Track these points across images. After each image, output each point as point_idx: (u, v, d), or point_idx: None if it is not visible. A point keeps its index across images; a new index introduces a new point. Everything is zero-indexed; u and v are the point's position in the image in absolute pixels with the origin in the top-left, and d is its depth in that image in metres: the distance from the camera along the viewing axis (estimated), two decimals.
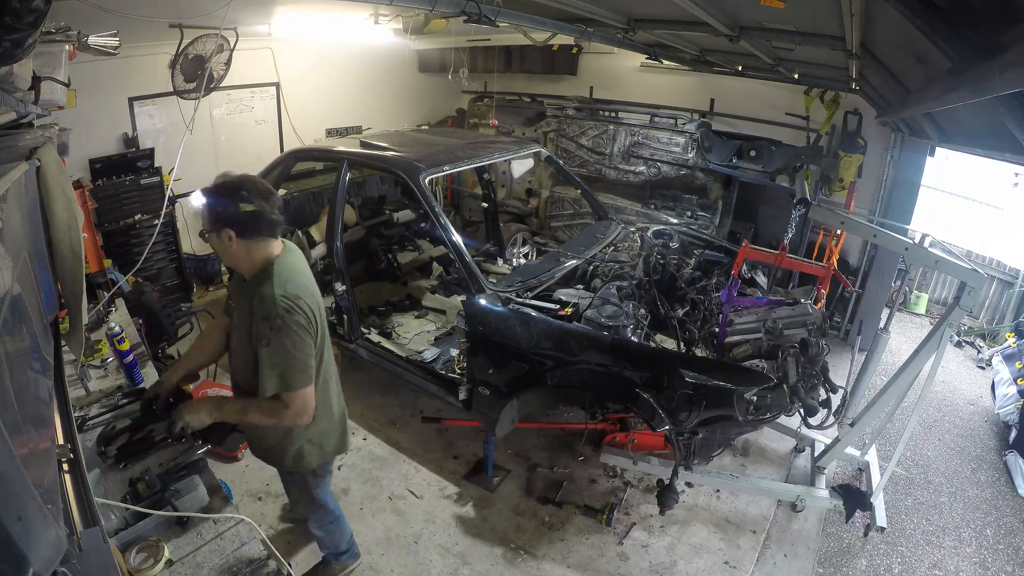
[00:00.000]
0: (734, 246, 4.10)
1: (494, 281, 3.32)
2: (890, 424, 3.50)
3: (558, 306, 3.08)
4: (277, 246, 2.06)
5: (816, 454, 3.61)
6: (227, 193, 1.94)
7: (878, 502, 3.25)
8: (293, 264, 2.08)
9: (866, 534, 3.28)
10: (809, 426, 3.00)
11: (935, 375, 2.92)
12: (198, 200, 2.04)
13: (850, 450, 3.59)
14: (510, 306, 3.07)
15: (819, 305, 3.21)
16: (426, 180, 3.49)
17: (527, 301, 3.12)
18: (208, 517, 2.02)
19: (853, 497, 3.22)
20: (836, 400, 3.05)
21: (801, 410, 2.83)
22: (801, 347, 2.84)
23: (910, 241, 2.89)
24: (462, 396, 3.36)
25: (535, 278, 3.38)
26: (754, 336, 2.96)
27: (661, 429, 2.70)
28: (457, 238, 3.31)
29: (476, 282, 3.19)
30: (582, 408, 3.34)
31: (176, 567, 1.85)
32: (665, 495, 2.95)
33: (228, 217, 1.92)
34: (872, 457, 3.66)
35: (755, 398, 2.61)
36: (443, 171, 3.80)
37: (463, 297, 3.26)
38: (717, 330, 3.09)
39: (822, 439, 3.68)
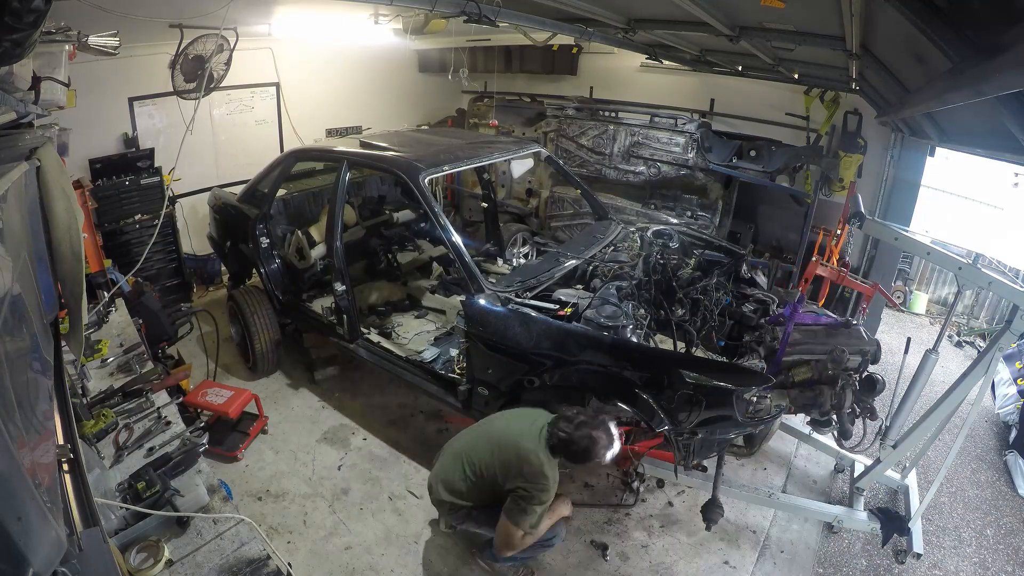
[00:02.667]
0: (734, 246, 4.08)
1: (494, 281, 3.32)
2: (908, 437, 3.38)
3: (557, 306, 3.07)
4: None
5: (855, 475, 3.52)
6: None
7: (916, 527, 3.14)
8: None
9: (901, 561, 3.18)
10: (842, 447, 2.98)
11: (982, 400, 2.85)
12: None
13: (890, 472, 3.49)
14: (509, 306, 3.06)
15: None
16: (426, 180, 3.49)
17: (526, 301, 3.11)
18: (208, 517, 2.02)
19: (891, 521, 3.12)
20: (873, 426, 3.00)
21: (836, 431, 2.81)
22: (867, 385, 2.79)
23: (964, 261, 2.82)
24: (461, 396, 3.36)
25: (534, 278, 3.37)
26: (814, 358, 2.84)
27: (661, 429, 2.70)
28: (457, 238, 3.30)
29: (476, 282, 3.19)
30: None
31: (176, 567, 1.85)
32: (710, 510, 2.92)
33: None
34: (912, 481, 3.56)
35: (755, 398, 2.60)
36: (443, 171, 3.80)
37: (463, 297, 3.26)
38: (777, 347, 2.97)
39: (863, 460, 3.59)
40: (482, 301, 3.11)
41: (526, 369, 2.99)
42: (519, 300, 3.11)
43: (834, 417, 2.84)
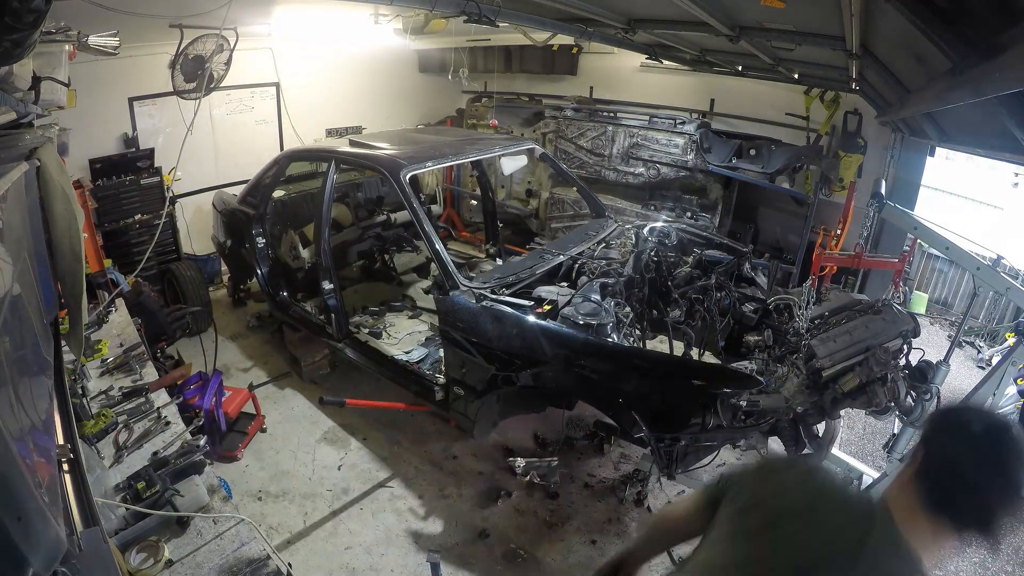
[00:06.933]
0: (736, 243, 4.01)
1: (473, 275, 3.29)
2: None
3: (534, 303, 2.97)
4: None
5: (861, 488, 3.35)
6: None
7: None
8: None
9: None
10: (905, 421, 2.85)
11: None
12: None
13: None
14: (484, 303, 2.96)
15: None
16: (407, 176, 3.47)
17: (500, 298, 3.00)
18: (208, 517, 2.02)
19: None
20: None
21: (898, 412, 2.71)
22: (919, 375, 2.63)
23: (984, 262, 2.70)
24: (438, 396, 3.32)
25: (514, 275, 3.27)
26: (855, 361, 2.61)
27: (638, 436, 2.61)
28: (429, 227, 3.25)
29: (450, 278, 3.10)
30: (569, 409, 3.30)
31: (176, 567, 1.85)
32: None
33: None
34: None
35: (744, 403, 2.47)
36: (426, 167, 3.76)
37: (437, 293, 3.17)
38: (801, 346, 2.78)
39: (871, 472, 3.54)
40: (456, 297, 3.03)
41: (498, 368, 2.90)
42: (494, 297, 3.01)
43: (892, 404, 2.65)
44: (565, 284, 3.35)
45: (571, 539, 3.23)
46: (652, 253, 3.51)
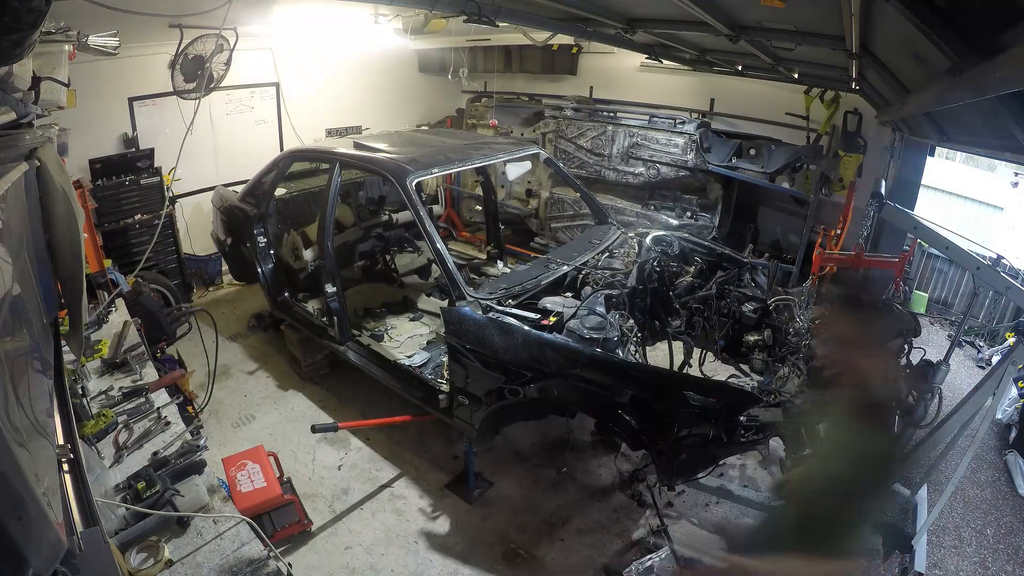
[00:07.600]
0: (738, 254, 3.97)
1: (478, 281, 3.27)
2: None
3: (540, 315, 2.96)
4: None
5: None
6: None
7: (920, 544, 3.01)
8: None
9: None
10: (906, 421, 2.84)
11: (994, 413, 2.76)
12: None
13: (900, 488, 3.36)
14: (490, 314, 2.95)
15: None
16: (414, 183, 3.44)
17: (507, 310, 3.00)
18: (208, 517, 2.02)
19: (894, 536, 2.97)
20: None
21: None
22: (920, 374, 2.64)
23: (984, 261, 2.70)
24: (442, 404, 3.32)
25: (519, 285, 3.25)
26: None
27: (639, 450, 2.63)
28: (440, 244, 3.23)
29: (457, 289, 3.09)
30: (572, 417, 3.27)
31: (176, 567, 1.85)
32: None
33: None
34: (922, 497, 3.42)
35: (743, 419, 2.49)
36: (432, 173, 3.73)
37: (443, 303, 3.15)
38: (800, 345, 2.78)
39: None
40: (461, 308, 3.02)
41: (504, 380, 2.89)
42: (500, 308, 3.02)
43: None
44: (570, 295, 3.33)
45: (571, 539, 3.23)
46: (655, 263, 3.49)
